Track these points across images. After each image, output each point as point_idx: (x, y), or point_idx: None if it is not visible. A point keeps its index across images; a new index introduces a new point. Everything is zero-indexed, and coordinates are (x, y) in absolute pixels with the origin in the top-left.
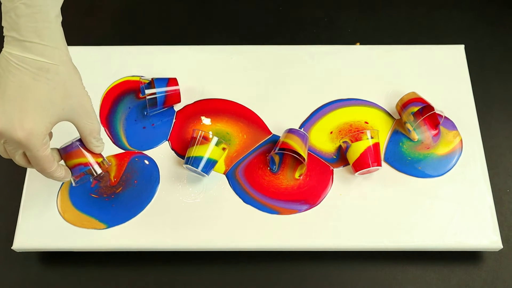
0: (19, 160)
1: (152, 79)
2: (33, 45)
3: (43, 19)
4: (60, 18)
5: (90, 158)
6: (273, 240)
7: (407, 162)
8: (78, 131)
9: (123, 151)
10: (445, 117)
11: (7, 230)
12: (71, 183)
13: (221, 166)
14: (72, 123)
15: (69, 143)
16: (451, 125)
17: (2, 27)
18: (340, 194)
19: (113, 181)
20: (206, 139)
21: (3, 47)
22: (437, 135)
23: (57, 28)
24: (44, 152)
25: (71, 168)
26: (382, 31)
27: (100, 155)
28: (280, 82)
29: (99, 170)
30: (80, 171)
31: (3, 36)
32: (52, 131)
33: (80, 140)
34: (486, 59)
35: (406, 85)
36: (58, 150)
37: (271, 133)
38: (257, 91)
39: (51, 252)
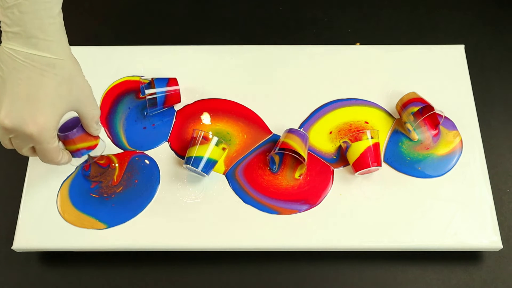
0: (26, 152)
1: (152, 79)
2: (39, 42)
3: (48, 15)
4: (62, 14)
5: (91, 142)
6: (273, 240)
7: (407, 163)
8: (81, 118)
9: (123, 151)
10: (445, 117)
11: (7, 230)
12: (71, 182)
13: (220, 166)
14: (76, 112)
15: (67, 131)
16: (451, 125)
17: None
18: (340, 194)
19: (115, 180)
20: (206, 139)
21: None
22: (437, 135)
23: (60, 23)
24: (54, 144)
25: (73, 153)
26: (382, 31)
27: (98, 136)
28: (280, 82)
29: (100, 151)
30: (82, 154)
31: None
32: None
33: (80, 126)
34: (486, 59)
35: (406, 85)
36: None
37: (271, 132)
38: (257, 91)
39: (51, 252)
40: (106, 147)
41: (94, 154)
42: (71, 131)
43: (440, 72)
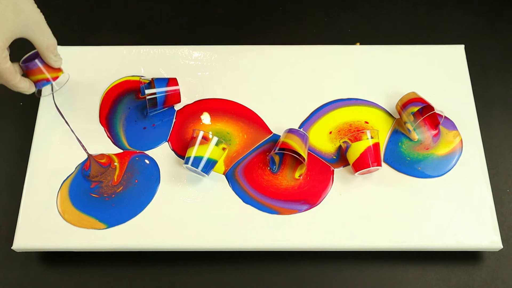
0: None
1: (152, 79)
2: None
3: None
4: None
5: (51, 74)
6: (273, 240)
7: (407, 163)
8: (36, 47)
9: (123, 151)
10: (445, 117)
11: (7, 230)
12: (71, 182)
13: (220, 166)
14: (29, 40)
15: (30, 61)
16: (451, 125)
17: None
18: (340, 194)
19: (115, 180)
20: (206, 139)
21: None
22: (437, 135)
23: None
24: (5, 65)
25: (36, 83)
26: (382, 31)
27: (59, 69)
28: (280, 82)
29: (63, 83)
30: (43, 85)
31: None
32: (9, 50)
33: (40, 57)
34: (486, 59)
35: (406, 85)
36: (20, 65)
37: (271, 132)
38: (257, 91)
39: (51, 252)
40: (69, 78)
41: (58, 85)
42: (32, 61)
43: (440, 72)
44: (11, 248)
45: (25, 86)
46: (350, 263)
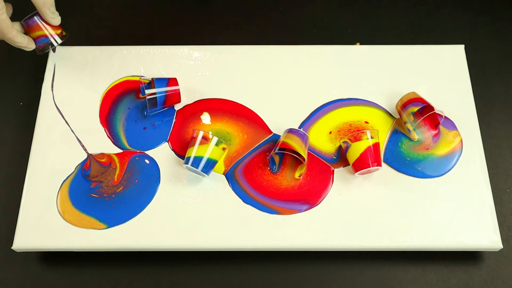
0: None
1: (152, 79)
2: None
3: None
4: None
5: (50, 30)
6: (273, 240)
7: (407, 163)
8: (33, 2)
9: (123, 151)
10: (445, 117)
11: (7, 230)
12: (71, 182)
13: (220, 166)
14: None
15: (29, 18)
16: (451, 125)
17: None
18: (340, 194)
19: (115, 180)
20: (206, 139)
21: None
22: (437, 135)
23: None
24: (1, 16)
25: (35, 39)
26: (382, 31)
27: (59, 27)
28: (280, 82)
29: (59, 41)
30: (42, 42)
31: None
32: (11, 8)
33: (39, 14)
34: (486, 59)
35: (406, 85)
36: (21, 23)
37: (271, 132)
38: (257, 91)
39: (51, 252)
40: (68, 37)
41: (55, 43)
42: (31, 18)
43: (440, 72)
44: (11, 248)
45: (23, 41)
46: (350, 263)
